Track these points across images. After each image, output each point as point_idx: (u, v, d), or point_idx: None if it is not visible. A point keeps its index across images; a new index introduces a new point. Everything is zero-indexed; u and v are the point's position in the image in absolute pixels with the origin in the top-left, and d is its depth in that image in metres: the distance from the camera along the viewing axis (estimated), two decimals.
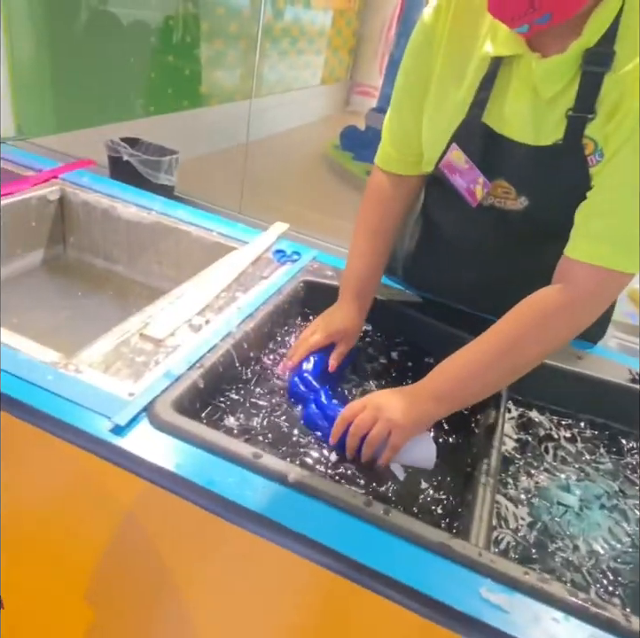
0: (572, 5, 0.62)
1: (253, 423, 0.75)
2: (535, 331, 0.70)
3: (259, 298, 0.91)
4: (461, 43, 0.77)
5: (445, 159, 0.81)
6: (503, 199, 0.80)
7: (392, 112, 0.89)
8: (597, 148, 0.69)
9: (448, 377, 0.72)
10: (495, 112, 0.76)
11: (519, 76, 0.72)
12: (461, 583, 0.53)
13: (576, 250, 0.70)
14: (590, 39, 0.65)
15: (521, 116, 0.74)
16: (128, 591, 0.72)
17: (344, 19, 5.01)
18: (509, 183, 0.78)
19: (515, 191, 0.78)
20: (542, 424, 0.86)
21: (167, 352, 0.76)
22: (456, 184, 0.82)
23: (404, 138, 0.88)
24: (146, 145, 2.05)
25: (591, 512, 0.73)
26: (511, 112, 0.74)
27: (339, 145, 4.27)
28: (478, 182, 0.79)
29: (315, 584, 0.58)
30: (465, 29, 0.76)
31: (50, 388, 0.66)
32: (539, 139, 0.73)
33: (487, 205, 0.82)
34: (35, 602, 0.81)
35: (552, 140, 0.72)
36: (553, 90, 0.70)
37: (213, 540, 0.62)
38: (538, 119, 0.72)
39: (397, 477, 0.71)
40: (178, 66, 3.30)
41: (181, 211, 1.18)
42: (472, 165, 0.79)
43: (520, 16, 0.63)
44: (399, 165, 0.90)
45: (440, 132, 0.81)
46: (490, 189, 0.79)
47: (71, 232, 1.24)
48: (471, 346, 0.73)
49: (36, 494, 0.73)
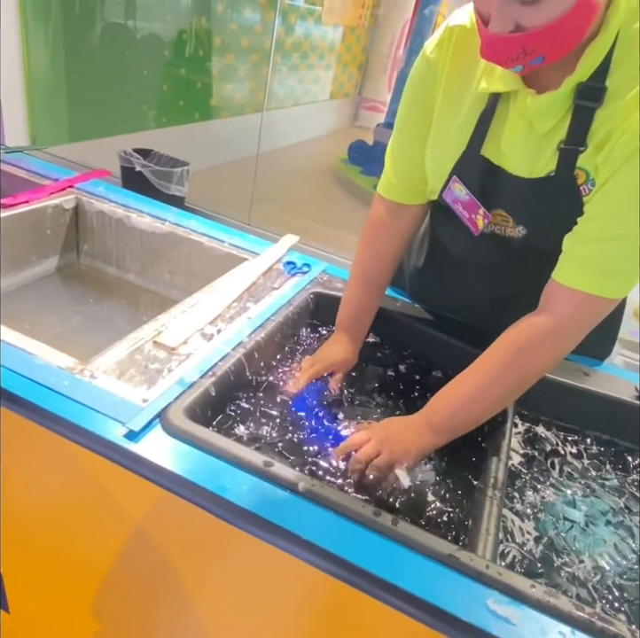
0: (563, 48, 0.63)
1: (262, 432, 0.76)
2: (520, 361, 0.72)
3: (269, 308, 0.92)
4: (461, 78, 0.78)
5: (447, 190, 0.84)
6: (502, 227, 0.83)
7: (394, 141, 0.89)
8: (588, 178, 0.71)
9: (442, 408, 0.76)
10: (493, 145, 0.77)
11: (515, 111, 0.74)
12: (468, 594, 0.54)
13: (561, 274, 0.72)
14: (583, 74, 0.66)
15: (517, 149, 0.75)
16: (138, 596, 0.72)
17: (354, 36, 5.09)
18: (507, 213, 0.81)
19: (513, 221, 0.81)
20: (549, 439, 0.86)
21: (179, 360, 0.77)
22: (458, 214, 0.85)
23: (407, 168, 0.88)
24: (158, 156, 2.08)
25: (597, 528, 0.73)
26: (508, 146, 0.76)
27: (347, 159, 4.31)
28: (479, 213, 0.82)
29: (323, 592, 0.59)
30: (465, 65, 0.78)
31: (66, 393, 0.67)
32: (533, 171, 0.75)
33: (488, 232, 0.84)
34: (43, 607, 0.81)
35: (545, 172, 0.74)
36: (548, 125, 0.71)
37: (223, 546, 0.63)
38: (533, 152, 0.74)
39: (402, 483, 0.72)
40: (190, 79, 3.36)
41: (194, 222, 1.20)
42: (472, 197, 0.81)
43: (513, 59, 0.64)
44: (401, 193, 0.90)
45: (442, 164, 0.83)
46: (490, 218, 0.82)
47: (85, 240, 1.26)
48: (460, 378, 0.77)
49: (50, 497, 0.74)
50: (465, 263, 0.93)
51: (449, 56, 0.79)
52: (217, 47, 3.44)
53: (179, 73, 3.27)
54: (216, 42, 3.42)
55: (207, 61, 3.41)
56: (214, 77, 3.51)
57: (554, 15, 0.59)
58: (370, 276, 0.93)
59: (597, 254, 0.69)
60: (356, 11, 4.80)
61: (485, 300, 0.94)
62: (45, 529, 0.76)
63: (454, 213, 0.86)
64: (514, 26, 0.61)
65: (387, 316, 0.99)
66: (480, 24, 0.65)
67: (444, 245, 0.96)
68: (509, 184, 0.78)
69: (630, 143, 0.64)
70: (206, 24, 3.31)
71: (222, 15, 3.39)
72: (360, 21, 4.97)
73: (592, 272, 0.69)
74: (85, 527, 0.72)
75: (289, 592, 0.62)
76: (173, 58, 3.18)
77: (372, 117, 5.40)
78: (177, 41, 3.16)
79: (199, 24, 3.26)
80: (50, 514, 0.75)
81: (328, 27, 4.58)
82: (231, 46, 3.54)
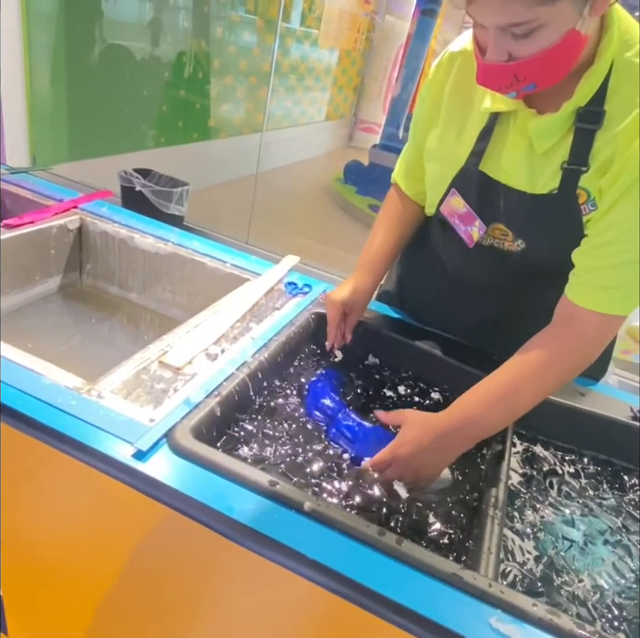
0: (553, 76, 0.68)
1: (266, 453, 0.77)
2: (550, 370, 0.74)
3: (272, 328, 0.94)
4: (461, 98, 0.84)
5: (445, 203, 0.88)
6: (501, 241, 0.85)
7: (405, 148, 1.00)
8: (589, 198, 0.75)
9: (477, 417, 0.74)
10: (493, 161, 0.81)
11: (516, 129, 0.78)
12: (472, 613, 0.55)
13: (578, 297, 0.76)
14: (582, 99, 0.71)
15: (517, 165, 0.79)
16: (144, 615, 0.72)
17: (349, 59, 5.20)
18: (506, 227, 0.83)
19: (512, 235, 0.83)
20: (547, 458, 0.88)
21: (185, 379, 0.78)
22: (454, 226, 0.88)
23: (409, 174, 0.99)
24: (158, 176, 2.11)
25: (595, 547, 0.74)
26: (508, 162, 0.80)
27: (342, 179, 4.37)
28: (474, 225, 0.85)
29: (328, 610, 0.59)
30: (466, 86, 0.83)
31: (74, 413, 0.68)
32: (534, 187, 0.78)
33: (486, 245, 0.87)
34: (43, 629, 0.81)
35: (548, 189, 0.77)
36: (547, 145, 0.75)
37: (230, 564, 0.64)
38: (533, 169, 0.78)
39: (400, 495, 0.73)
40: (189, 100, 3.41)
41: (196, 242, 1.22)
42: (470, 209, 0.84)
43: (507, 86, 0.69)
44: (409, 191, 1.00)
45: (441, 178, 0.87)
46: (489, 231, 0.85)
47: (88, 260, 1.28)
48: (487, 385, 0.76)
49: (56, 517, 0.74)
50: (463, 280, 0.95)
51: (450, 78, 0.84)
52: (216, 69, 3.50)
53: (178, 94, 3.33)
54: (215, 65, 3.49)
55: (206, 83, 3.47)
56: (212, 98, 3.57)
57: (543, 47, 0.64)
58: (395, 226, 1.00)
59: (611, 280, 0.73)
60: (352, 35, 4.91)
61: (483, 318, 0.97)
62: (50, 549, 0.77)
63: (452, 227, 0.89)
64: (507, 56, 0.66)
65: (386, 337, 1.00)
66: (477, 54, 0.70)
67: (442, 264, 0.99)
68: (509, 199, 0.81)
69: (633, 171, 0.68)
70: (205, 47, 3.38)
71: (221, 38, 3.46)
72: (355, 45, 5.08)
73: (610, 295, 0.74)
74: (91, 547, 0.73)
75: (294, 610, 0.63)
76: (172, 79, 3.24)
77: (367, 138, 5.49)
78: (177, 62, 3.22)
79: (199, 46, 3.33)
80: (55, 534, 0.75)
81: (324, 49, 4.67)
82: (230, 68, 3.60)
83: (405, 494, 0.73)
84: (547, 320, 0.80)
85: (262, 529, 0.58)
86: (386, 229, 1.00)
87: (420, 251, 1.05)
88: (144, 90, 3.10)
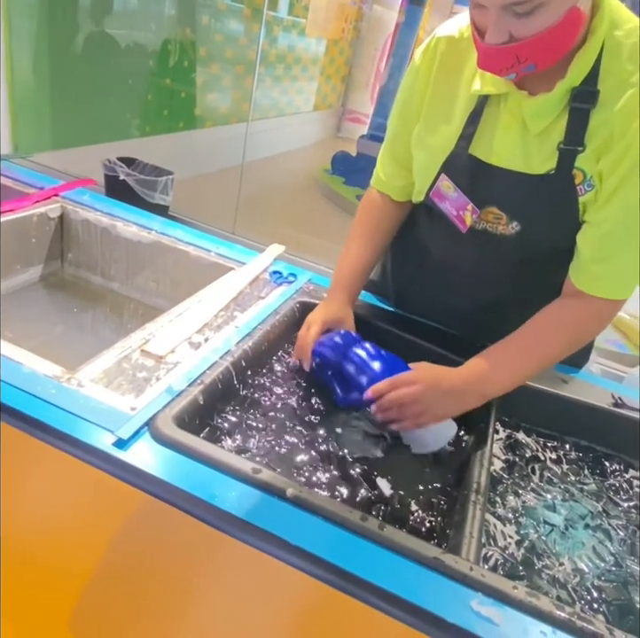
0: (554, 56, 0.68)
1: (249, 444, 0.76)
2: (569, 330, 0.81)
3: (256, 317, 0.93)
4: (448, 82, 0.83)
5: (435, 188, 0.87)
6: (494, 225, 0.85)
7: (387, 138, 0.96)
8: (585, 178, 0.75)
9: (496, 375, 0.79)
10: (483, 144, 0.81)
11: (507, 111, 0.78)
12: (453, 596, 0.55)
13: (584, 283, 0.80)
14: (575, 79, 0.72)
15: (511, 146, 0.79)
16: (126, 603, 0.72)
17: (337, 49, 5.16)
18: (500, 210, 0.83)
19: (507, 217, 0.83)
20: (529, 445, 0.88)
21: (167, 368, 0.78)
22: (446, 212, 0.87)
23: (394, 167, 0.96)
24: (143, 165, 2.08)
25: (576, 531, 0.75)
26: (501, 143, 0.79)
27: (330, 170, 4.35)
28: (467, 209, 0.84)
29: (310, 596, 0.60)
30: (452, 71, 0.82)
31: (54, 401, 0.67)
32: (530, 167, 0.78)
33: (479, 229, 0.86)
34: (31, 613, 0.80)
35: (545, 169, 0.77)
36: (542, 125, 0.76)
37: (212, 552, 0.64)
38: (528, 150, 0.78)
39: (383, 492, 0.73)
40: (175, 89, 3.37)
41: (180, 231, 1.21)
42: (461, 193, 0.83)
43: (508, 68, 0.69)
44: (389, 190, 0.97)
45: (430, 164, 0.87)
46: (481, 215, 0.84)
47: (69, 249, 1.26)
48: (507, 344, 0.80)
49: (38, 506, 0.73)
50: (452, 267, 0.95)
51: (436, 63, 0.84)
52: (202, 57, 3.46)
53: (163, 83, 3.28)
54: (201, 53, 3.44)
55: (192, 71, 3.43)
56: (198, 87, 3.53)
57: (545, 26, 0.64)
58: (370, 237, 0.98)
59: (616, 268, 0.77)
60: (339, 25, 4.87)
61: (472, 306, 0.96)
62: (30, 539, 0.76)
63: (440, 215, 0.89)
64: (508, 36, 0.66)
65: (373, 326, 1.00)
66: (476, 37, 0.70)
67: (429, 251, 0.98)
68: (503, 180, 0.81)
69: (634, 156, 0.70)
70: (191, 35, 3.33)
71: (206, 26, 3.41)
72: (343, 34, 5.04)
73: (614, 282, 0.79)
74: (73, 536, 0.72)
75: (277, 597, 0.63)
76: (157, 67, 3.19)
77: (355, 128, 5.47)
78: (162, 51, 3.17)
79: (184, 34, 3.28)
80: (36, 524, 0.75)
81: (312, 38, 4.63)
82: (216, 57, 3.56)
83: (389, 490, 0.73)
84: (536, 308, 0.82)
85: (245, 516, 0.58)
86: (361, 241, 0.98)
87: (405, 242, 1.04)
88: (129, 79, 3.05)
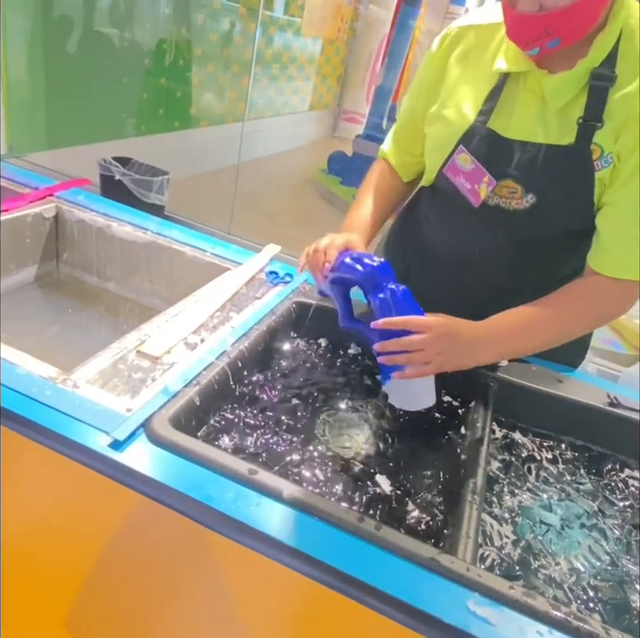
0: (579, 31, 0.74)
1: (246, 442, 0.76)
2: (592, 308, 0.84)
3: (252, 318, 0.93)
4: (469, 66, 0.88)
5: (450, 163, 0.89)
6: (508, 200, 0.86)
7: (403, 109, 1.01)
8: (603, 154, 0.79)
9: (508, 332, 0.81)
10: (502, 119, 0.84)
11: (527, 89, 0.82)
12: (449, 596, 0.55)
13: (604, 266, 0.83)
14: (596, 59, 0.77)
15: (530, 121, 0.83)
16: (121, 603, 0.72)
17: (333, 48, 5.16)
18: (516, 182, 0.85)
19: (522, 190, 0.85)
20: (526, 445, 0.89)
21: (163, 369, 0.77)
22: (459, 187, 0.89)
23: (406, 145, 1.00)
24: (138, 165, 2.07)
25: (572, 531, 0.75)
26: (520, 119, 0.83)
27: (326, 170, 4.35)
28: (483, 181, 0.85)
29: (307, 597, 0.60)
30: (475, 55, 0.88)
31: (49, 403, 0.67)
32: (549, 139, 0.82)
33: (492, 204, 0.87)
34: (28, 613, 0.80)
35: (565, 142, 0.81)
36: (562, 102, 0.80)
37: (208, 553, 0.63)
38: (547, 123, 0.82)
39: (383, 489, 0.73)
40: (170, 88, 3.36)
41: (175, 231, 1.20)
42: (478, 165, 0.86)
43: (534, 40, 0.74)
44: (398, 166, 1.02)
45: (445, 140, 0.89)
46: (495, 189, 0.86)
47: (65, 249, 1.25)
48: (525, 308, 0.82)
49: (34, 507, 0.73)
50: (455, 255, 0.96)
51: (457, 51, 0.90)
52: (197, 57, 3.45)
53: (159, 82, 3.27)
54: (197, 52, 3.44)
55: (187, 71, 3.42)
56: (194, 86, 3.52)
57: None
58: (380, 194, 1.00)
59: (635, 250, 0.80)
60: (335, 24, 4.87)
61: (476, 292, 0.96)
62: (26, 540, 0.75)
63: (449, 196, 0.91)
64: (538, 7, 0.70)
65: None
66: (506, 6, 0.74)
67: (430, 243, 0.99)
68: (520, 153, 0.84)
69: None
70: (186, 34, 3.32)
71: (202, 26, 3.41)
72: (339, 34, 5.04)
73: (634, 263, 0.81)
74: (68, 537, 0.72)
75: (273, 598, 0.63)
76: (153, 66, 3.18)
77: (351, 128, 5.47)
78: (157, 50, 3.16)
79: (180, 34, 3.28)
80: (31, 524, 0.74)
81: (308, 38, 4.63)
82: (211, 56, 3.55)
83: (389, 487, 0.73)
84: (536, 296, 0.84)
85: (241, 518, 0.58)
86: (372, 197, 1.00)
87: (405, 232, 1.05)
88: (124, 78, 3.04)
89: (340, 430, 0.83)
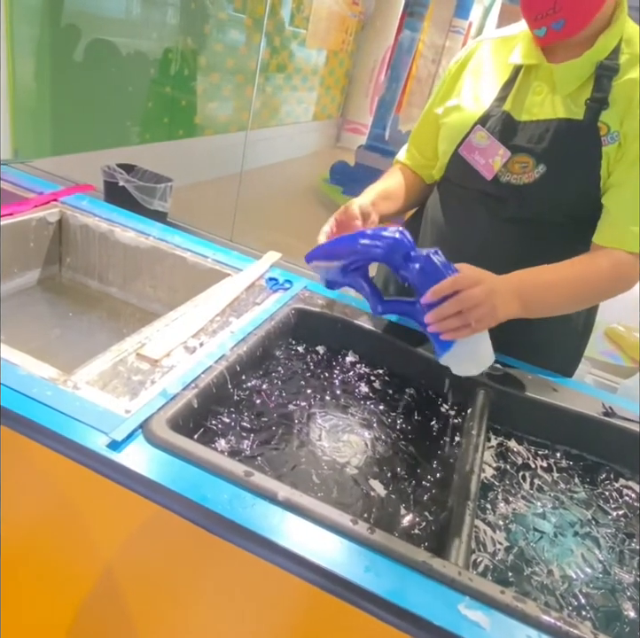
0: (583, 15, 0.82)
1: (243, 445, 0.77)
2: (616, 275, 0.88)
3: (252, 323, 0.94)
4: (486, 68, 0.99)
5: (466, 142, 0.96)
6: (519, 175, 0.92)
7: (419, 123, 1.11)
8: (609, 131, 0.87)
9: (535, 286, 0.85)
10: (516, 104, 0.93)
11: (538, 78, 0.92)
12: (441, 600, 0.56)
13: (614, 240, 0.89)
14: (601, 53, 0.86)
15: (542, 104, 0.91)
16: (121, 605, 0.72)
17: (337, 60, 5.21)
18: (528, 156, 0.91)
19: (533, 162, 0.90)
20: (521, 453, 0.89)
21: (162, 372, 0.78)
22: (473, 164, 0.95)
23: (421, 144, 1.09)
24: (142, 172, 2.09)
25: (565, 539, 0.76)
26: (532, 102, 0.92)
27: (329, 179, 4.38)
28: (497, 154, 0.92)
29: (300, 599, 0.60)
30: (492, 59, 0.99)
31: (49, 403, 0.67)
32: (560, 113, 0.89)
33: (503, 182, 0.93)
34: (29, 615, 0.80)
35: (574, 117, 0.88)
36: (570, 88, 0.89)
37: (204, 554, 0.64)
38: (558, 105, 0.90)
39: (377, 492, 0.74)
40: (175, 97, 3.39)
41: (177, 237, 1.22)
42: (494, 140, 0.92)
43: (543, 15, 0.83)
44: (415, 167, 1.12)
45: (462, 124, 0.96)
46: (508, 164, 0.92)
47: (68, 253, 1.27)
48: (554, 266, 0.86)
49: (33, 507, 0.74)
50: (464, 235, 1.00)
51: (475, 58, 1.01)
52: (202, 66, 3.49)
53: (164, 91, 3.31)
54: (202, 62, 3.48)
55: (192, 80, 3.46)
56: (198, 96, 3.56)
57: None
58: (401, 179, 1.10)
59: None
60: (339, 36, 4.92)
61: None
62: (24, 542, 0.76)
63: (462, 176, 0.98)
64: None
65: (365, 333, 1.01)
66: None
67: (437, 232, 1.04)
68: (533, 130, 0.90)
69: None
70: (192, 44, 3.36)
71: (208, 36, 3.45)
72: (343, 46, 5.09)
73: None
74: (66, 538, 0.72)
75: (268, 600, 0.63)
76: (158, 75, 3.22)
77: (354, 138, 5.51)
78: (163, 59, 3.20)
79: (185, 44, 3.32)
80: (29, 526, 0.75)
81: (312, 49, 4.68)
82: (217, 66, 3.59)
83: (383, 492, 0.74)
84: None
85: (237, 519, 0.59)
86: (395, 179, 1.09)
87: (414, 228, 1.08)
88: (130, 86, 3.07)
89: (336, 435, 0.84)
